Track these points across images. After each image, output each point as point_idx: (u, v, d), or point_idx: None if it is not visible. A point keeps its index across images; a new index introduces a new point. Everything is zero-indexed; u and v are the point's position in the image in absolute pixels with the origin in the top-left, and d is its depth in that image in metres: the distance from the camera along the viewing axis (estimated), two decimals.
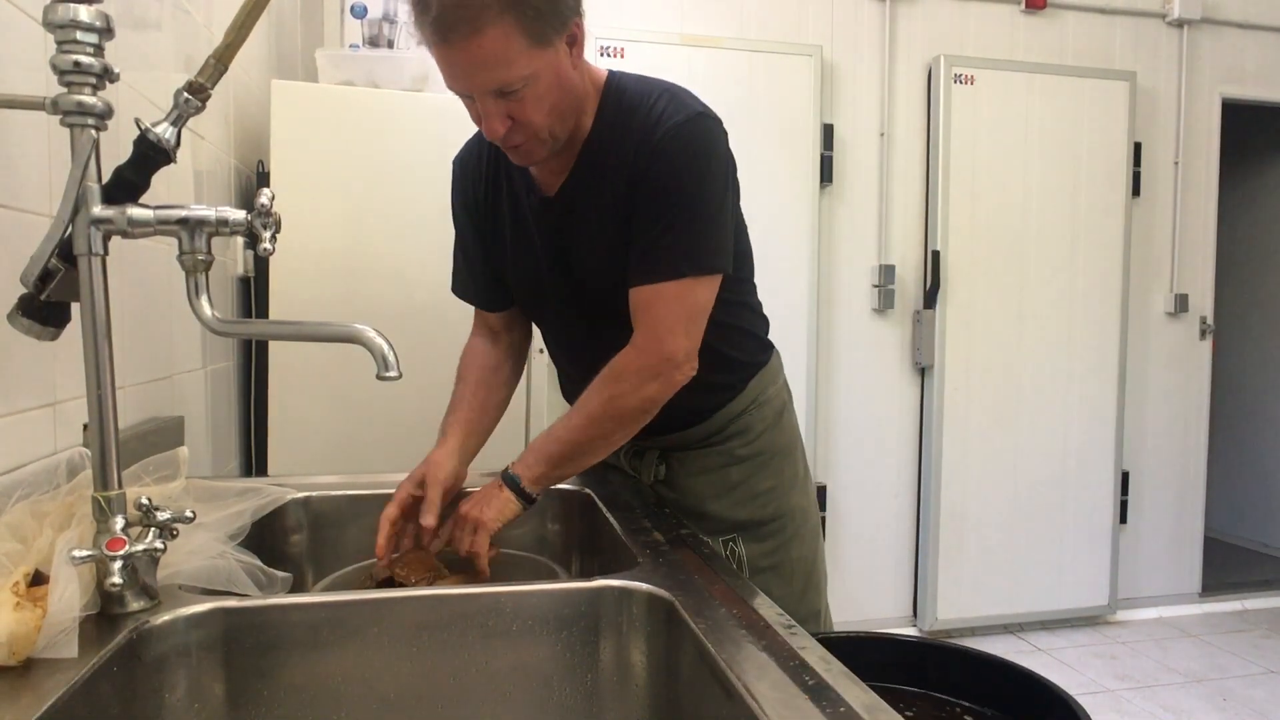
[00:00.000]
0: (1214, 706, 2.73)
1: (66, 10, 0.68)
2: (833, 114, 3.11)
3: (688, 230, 1.06)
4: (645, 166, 1.06)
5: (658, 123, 1.06)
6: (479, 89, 0.96)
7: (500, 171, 1.19)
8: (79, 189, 0.70)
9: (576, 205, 1.12)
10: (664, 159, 1.05)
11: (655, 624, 0.80)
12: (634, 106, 1.09)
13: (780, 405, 1.32)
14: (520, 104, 0.98)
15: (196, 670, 0.74)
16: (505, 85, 0.95)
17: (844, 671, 0.63)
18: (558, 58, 0.99)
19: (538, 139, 1.03)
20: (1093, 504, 3.36)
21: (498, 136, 1.01)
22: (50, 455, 0.88)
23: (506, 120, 0.99)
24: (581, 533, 1.21)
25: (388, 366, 0.75)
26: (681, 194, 1.05)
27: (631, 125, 1.08)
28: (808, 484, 1.33)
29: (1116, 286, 3.35)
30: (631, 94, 1.11)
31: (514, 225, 1.19)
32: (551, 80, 0.99)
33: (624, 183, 1.07)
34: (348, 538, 1.16)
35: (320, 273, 1.89)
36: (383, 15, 2.14)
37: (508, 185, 1.19)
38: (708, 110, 1.09)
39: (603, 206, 1.10)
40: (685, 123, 1.06)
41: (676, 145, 1.05)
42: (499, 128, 0.99)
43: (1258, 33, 3.51)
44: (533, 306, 1.28)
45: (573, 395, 1.32)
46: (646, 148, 1.05)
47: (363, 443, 1.90)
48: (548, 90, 0.99)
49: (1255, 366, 4.42)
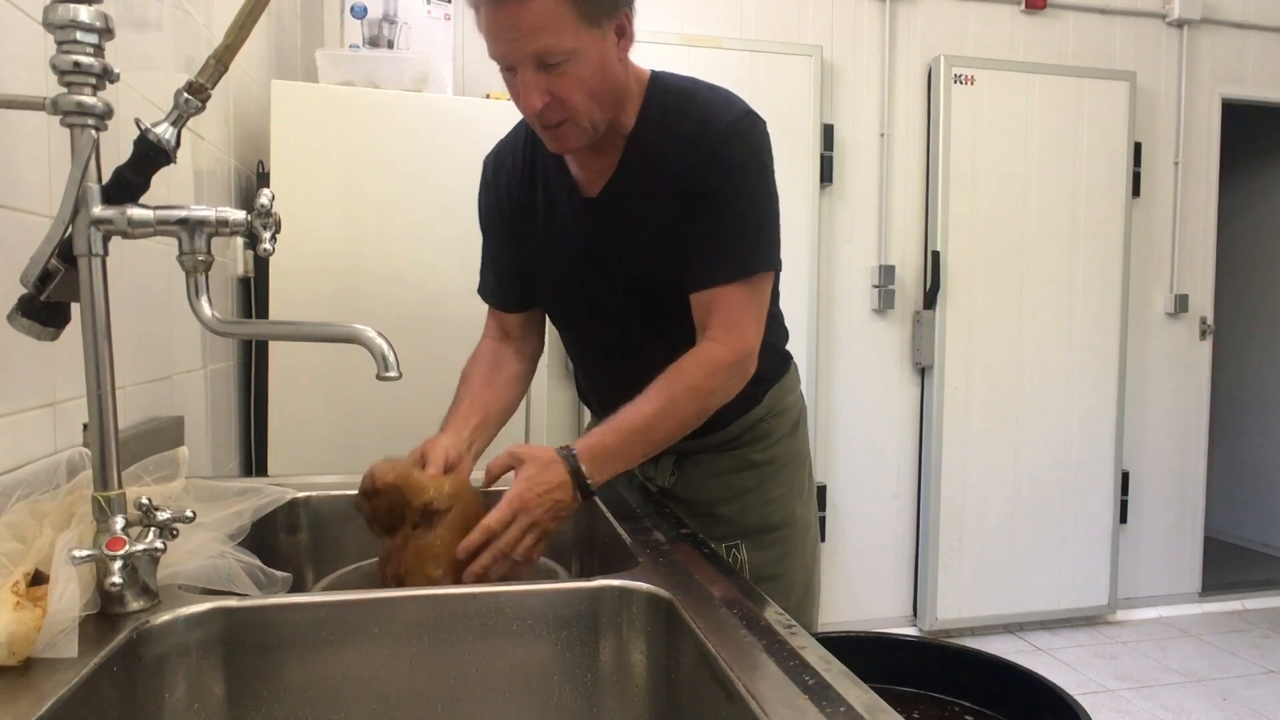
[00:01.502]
0: (1214, 706, 2.73)
1: (66, 10, 0.68)
2: (833, 114, 3.11)
3: (753, 228, 1.08)
4: (700, 166, 1.06)
5: (709, 122, 1.07)
6: (522, 55, 0.96)
7: (536, 172, 1.18)
8: (79, 189, 0.70)
9: (621, 205, 1.12)
10: (721, 158, 1.06)
11: (655, 624, 0.80)
12: (680, 105, 1.09)
13: (797, 415, 1.32)
14: (561, 79, 0.98)
15: (196, 670, 0.73)
16: (548, 54, 0.95)
17: (844, 671, 0.63)
18: (604, 43, 1.00)
19: (575, 123, 1.02)
20: (1093, 504, 3.36)
21: (534, 110, 1.00)
22: (50, 455, 0.88)
23: (545, 95, 0.98)
24: (581, 533, 1.21)
25: (388, 367, 0.75)
26: (741, 193, 1.07)
27: (680, 124, 1.08)
28: (812, 498, 1.34)
29: (1116, 286, 3.35)
30: (676, 92, 1.11)
31: (549, 226, 1.18)
32: (595, 63, 0.99)
33: (674, 182, 1.08)
34: (348, 538, 1.16)
35: (320, 273, 1.89)
36: (383, 15, 2.14)
37: (543, 187, 1.17)
38: (753, 109, 1.10)
39: (650, 206, 1.10)
40: (738, 121, 1.07)
41: (733, 144, 1.06)
42: (537, 101, 0.98)
43: (1258, 33, 3.51)
44: (563, 310, 1.26)
45: (597, 401, 1.32)
46: (700, 147, 1.06)
47: (363, 443, 1.90)
48: (590, 73, 0.99)
49: (1255, 366, 4.42)
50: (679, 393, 1.06)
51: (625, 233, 1.12)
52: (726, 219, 1.06)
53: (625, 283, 1.15)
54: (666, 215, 1.09)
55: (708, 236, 1.07)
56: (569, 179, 1.15)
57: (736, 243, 1.07)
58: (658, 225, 1.10)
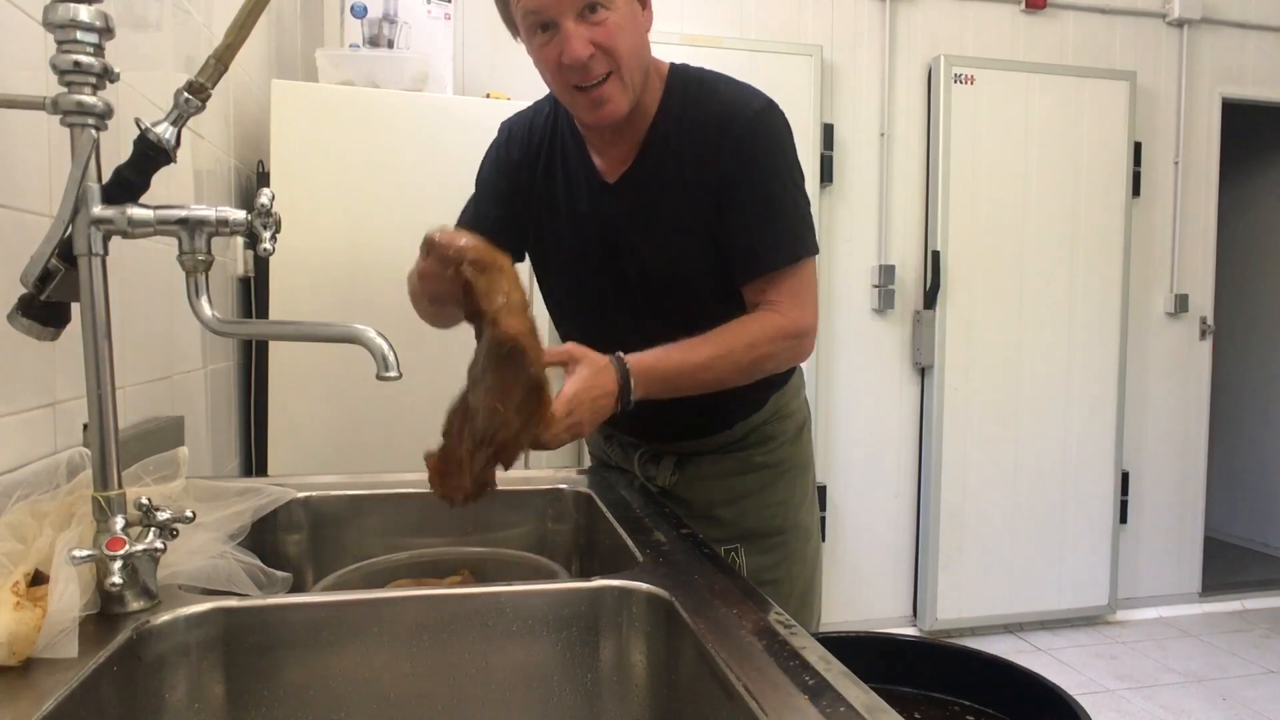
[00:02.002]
0: (1214, 706, 2.73)
1: (66, 10, 0.68)
2: (833, 114, 3.11)
3: (794, 214, 1.11)
4: (729, 160, 1.08)
5: (733, 114, 1.09)
6: (564, 6, 0.98)
7: (555, 154, 1.18)
8: (79, 189, 0.70)
9: (640, 191, 1.13)
10: (753, 152, 1.08)
11: (655, 624, 0.80)
12: (702, 96, 1.11)
13: (802, 420, 1.32)
14: (604, 28, 1.00)
15: (196, 670, 0.73)
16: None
17: (844, 671, 0.63)
18: (634, 5, 1.04)
19: (619, 77, 1.03)
20: (1093, 504, 3.36)
21: (581, 60, 1.00)
22: (50, 455, 0.88)
23: (589, 45, 1.00)
24: (581, 533, 1.21)
25: (388, 367, 0.75)
26: (776, 181, 1.09)
27: (702, 114, 1.10)
28: (814, 506, 1.34)
29: (1116, 286, 3.35)
30: (697, 83, 1.13)
31: (569, 210, 1.18)
32: (630, 18, 1.03)
33: (695, 173, 1.09)
34: (348, 538, 1.16)
35: (320, 273, 1.89)
36: (383, 15, 2.14)
37: (563, 170, 1.18)
38: (772, 99, 1.14)
39: (668, 195, 1.11)
40: (764, 111, 1.10)
41: (763, 134, 1.09)
42: (583, 50, 0.99)
43: (1258, 33, 3.51)
44: (570, 299, 1.26)
45: None
46: (726, 140, 1.08)
47: (363, 443, 1.90)
48: (629, 24, 1.02)
49: (1255, 366, 4.42)
50: (737, 346, 1.07)
51: (642, 220, 1.13)
52: (769, 209, 1.09)
53: (637, 274, 1.15)
54: (685, 205, 1.10)
55: (750, 228, 1.09)
56: (589, 164, 1.15)
57: (783, 230, 1.10)
58: (675, 214, 1.11)
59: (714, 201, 1.10)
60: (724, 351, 1.07)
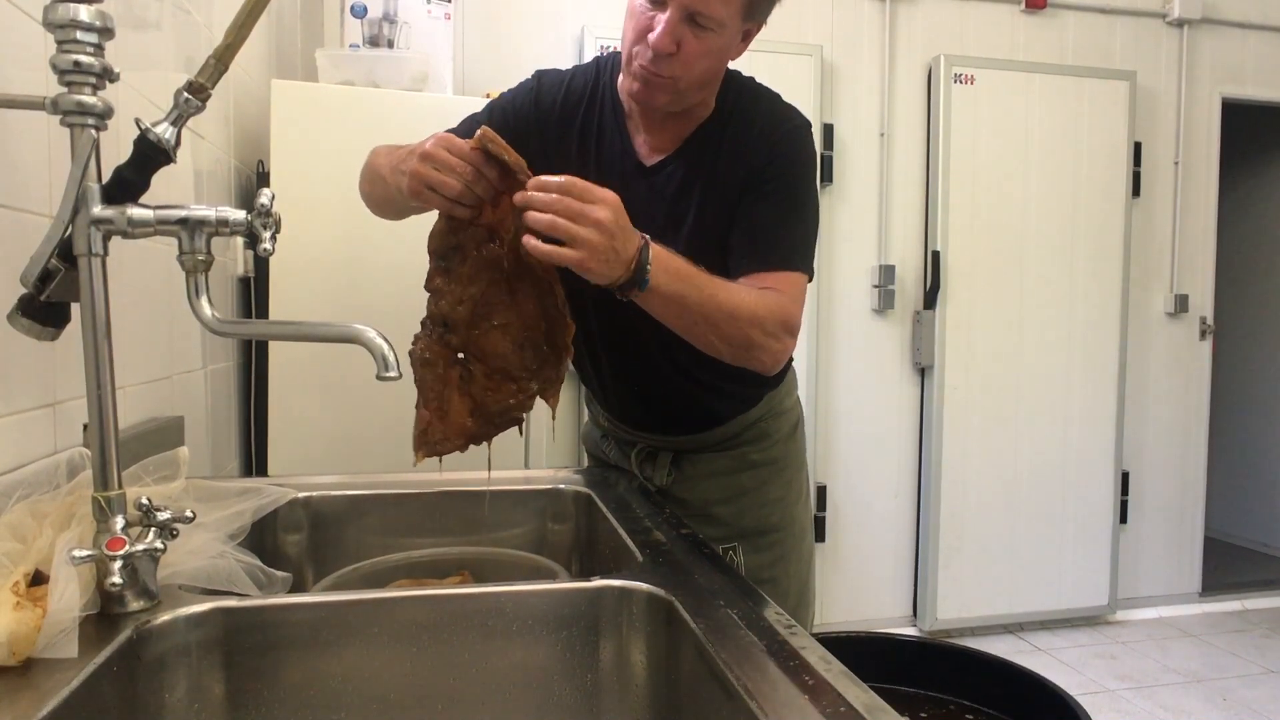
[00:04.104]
0: (1214, 706, 2.73)
1: (66, 10, 0.68)
2: (833, 114, 3.11)
3: (800, 227, 1.13)
4: (766, 159, 1.11)
5: (780, 119, 1.14)
6: (683, 1, 0.99)
7: (592, 121, 1.17)
8: (79, 189, 0.70)
9: (672, 182, 1.14)
10: (784, 153, 1.12)
11: (655, 624, 0.80)
12: (751, 105, 1.15)
13: (796, 418, 1.33)
14: (696, 43, 1.02)
15: (196, 670, 0.73)
16: (704, 13, 1.00)
17: (844, 671, 0.63)
18: (737, 38, 1.07)
19: (677, 86, 1.05)
20: (1093, 504, 3.36)
21: (663, 49, 1.01)
22: (50, 455, 0.88)
23: (674, 45, 1.01)
24: (581, 533, 1.21)
25: (388, 367, 0.75)
26: (797, 194, 1.12)
27: (753, 117, 1.13)
28: (809, 504, 1.35)
29: (1116, 286, 3.34)
30: (750, 90, 1.18)
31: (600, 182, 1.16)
32: (723, 49, 1.06)
33: (733, 165, 1.11)
34: (348, 538, 1.16)
35: (320, 273, 1.89)
36: (383, 15, 2.14)
37: (597, 138, 1.17)
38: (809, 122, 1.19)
39: (703, 188, 1.12)
40: (804, 128, 1.16)
41: (798, 147, 1.13)
42: (669, 44, 1.00)
43: (1258, 33, 3.51)
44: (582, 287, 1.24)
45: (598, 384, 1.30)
46: (766, 139, 1.11)
47: (363, 443, 1.89)
48: (717, 52, 1.05)
49: (1255, 366, 4.42)
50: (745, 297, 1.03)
51: (669, 208, 1.13)
52: (782, 211, 1.11)
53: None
54: (714, 202, 1.12)
55: (761, 222, 1.10)
56: (627, 140, 1.16)
57: (789, 235, 1.11)
58: (703, 209, 1.12)
59: (737, 196, 1.12)
60: (734, 296, 1.02)
